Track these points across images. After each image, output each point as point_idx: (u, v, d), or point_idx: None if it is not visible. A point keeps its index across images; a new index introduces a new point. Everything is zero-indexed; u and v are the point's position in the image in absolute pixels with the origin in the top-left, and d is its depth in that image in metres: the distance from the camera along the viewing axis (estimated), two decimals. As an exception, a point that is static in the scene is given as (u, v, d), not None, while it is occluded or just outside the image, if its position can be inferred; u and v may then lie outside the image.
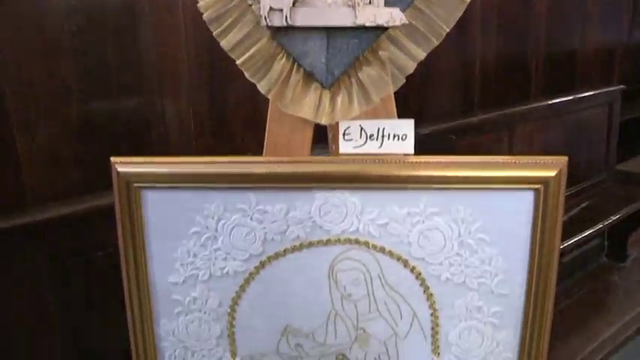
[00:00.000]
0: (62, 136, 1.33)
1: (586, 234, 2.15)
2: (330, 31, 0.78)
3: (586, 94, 2.28)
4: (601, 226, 2.23)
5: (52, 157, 1.32)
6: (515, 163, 0.81)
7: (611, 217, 2.28)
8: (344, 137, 0.81)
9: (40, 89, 1.28)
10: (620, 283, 2.48)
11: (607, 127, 2.49)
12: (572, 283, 2.45)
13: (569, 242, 2.09)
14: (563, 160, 0.81)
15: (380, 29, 0.78)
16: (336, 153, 0.82)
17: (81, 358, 1.41)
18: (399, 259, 0.83)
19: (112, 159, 0.84)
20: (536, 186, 0.80)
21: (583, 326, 2.22)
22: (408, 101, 1.96)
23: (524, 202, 0.81)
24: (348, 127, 0.81)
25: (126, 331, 0.91)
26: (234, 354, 0.90)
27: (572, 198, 2.38)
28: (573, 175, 2.37)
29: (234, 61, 0.80)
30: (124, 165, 0.83)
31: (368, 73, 0.79)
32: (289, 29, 0.77)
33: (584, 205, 2.38)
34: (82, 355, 1.41)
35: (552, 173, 0.80)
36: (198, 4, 0.78)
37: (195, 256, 0.85)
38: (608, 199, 2.45)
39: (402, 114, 0.81)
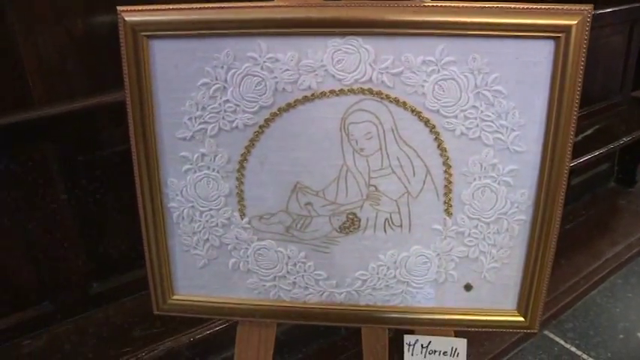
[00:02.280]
0: (66, 46, 1.29)
1: (597, 153, 2.12)
2: None
3: (606, 10, 2.19)
4: (612, 146, 2.20)
5: (58, 63, 1.29)
6: (535, 9, 0.77)
7: (623, 139, 2.25)
8: (359, -18, 0.78)
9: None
10: (626, 207, 2.48)
11: (626, 48, 2.41)
12: (580, 205, 2.45)
13: (581, 160, 2.07)
14: (588, 7, 0.77)
15: None
16: (350, -1, 0.79)
17: (94, 251, 1.42)
18: (412, 110, 0.80)
19: (119, 8, 0.81)
20: (557, 34, 0.76)
21: (588, 245, 2.23)
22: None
23: (543, 52, 0.77)
24: (363, -28, 0.77)
25: (136, 226, 0.91)
26: (242, 213, 0.89)
27: (584, 119, 2.34)
28: (587, 97, 2.33)
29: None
30: (131, 13, 0.80)
31: None
32: None
33: (596, 127, 2.35)
34: (95, 247, 1.42)
35: (574, 21, 0.76)
36: None
37: (204, 109, 0.83)
38: (622, 122, 2.41)
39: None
